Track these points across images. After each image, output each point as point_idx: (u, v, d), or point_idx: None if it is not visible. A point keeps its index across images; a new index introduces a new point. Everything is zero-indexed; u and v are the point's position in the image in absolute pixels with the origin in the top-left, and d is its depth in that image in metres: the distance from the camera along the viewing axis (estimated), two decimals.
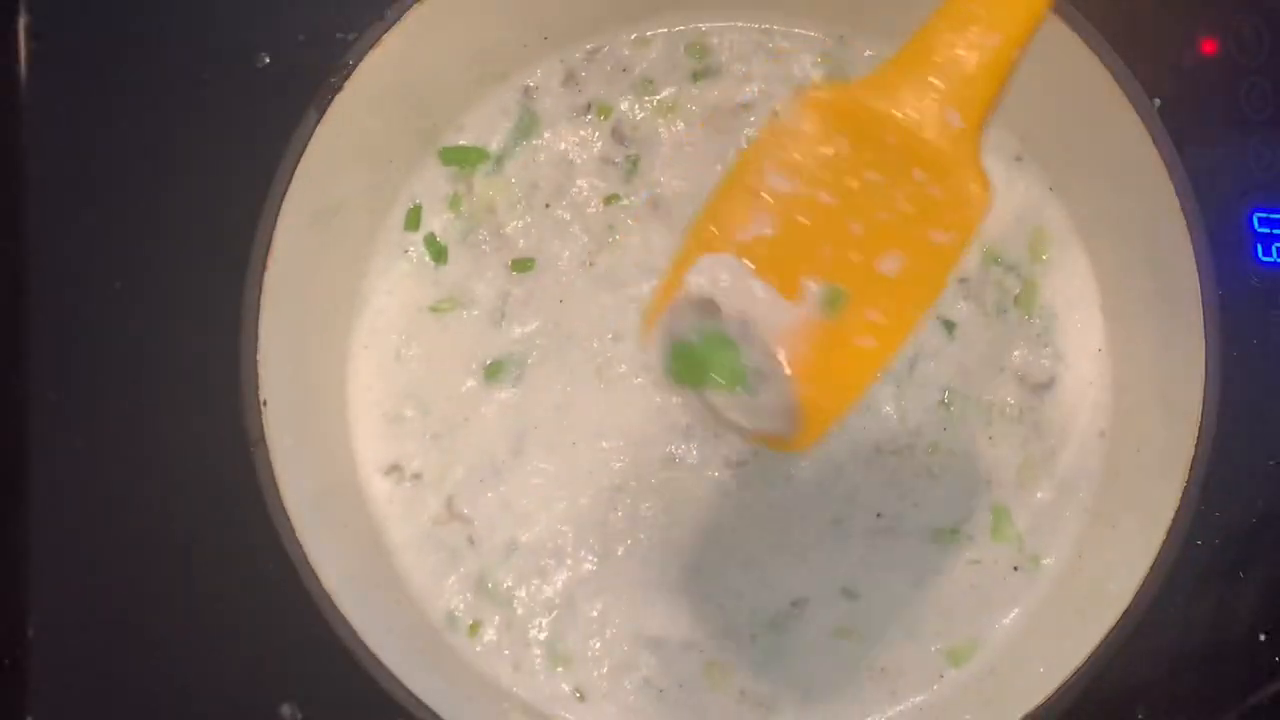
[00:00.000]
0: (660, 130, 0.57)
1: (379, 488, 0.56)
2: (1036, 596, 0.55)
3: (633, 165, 0.57)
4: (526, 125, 0.57)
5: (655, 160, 0.57)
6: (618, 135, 0.57)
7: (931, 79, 0.42)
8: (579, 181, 0.57)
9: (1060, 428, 0.56)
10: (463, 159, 0.57)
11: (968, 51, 0.42)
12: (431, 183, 0.57)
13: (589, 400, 0.55)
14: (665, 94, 0.57)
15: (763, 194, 0.44)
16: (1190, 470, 0.50)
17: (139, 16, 0.52)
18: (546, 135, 0.57)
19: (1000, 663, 0.54)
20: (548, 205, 0.57)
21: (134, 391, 0.51)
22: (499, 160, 0.57)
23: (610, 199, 0.57)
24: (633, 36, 0.58)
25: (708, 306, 0.43)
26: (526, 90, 0.57)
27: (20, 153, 0.52)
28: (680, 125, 0.57)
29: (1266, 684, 0.51)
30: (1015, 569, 0.55)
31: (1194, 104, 0.51)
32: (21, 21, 0.52)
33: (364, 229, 0.56)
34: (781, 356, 0.42)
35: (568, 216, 0.57)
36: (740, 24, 0.58)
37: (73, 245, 0.52)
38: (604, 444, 0.55)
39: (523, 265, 0.56)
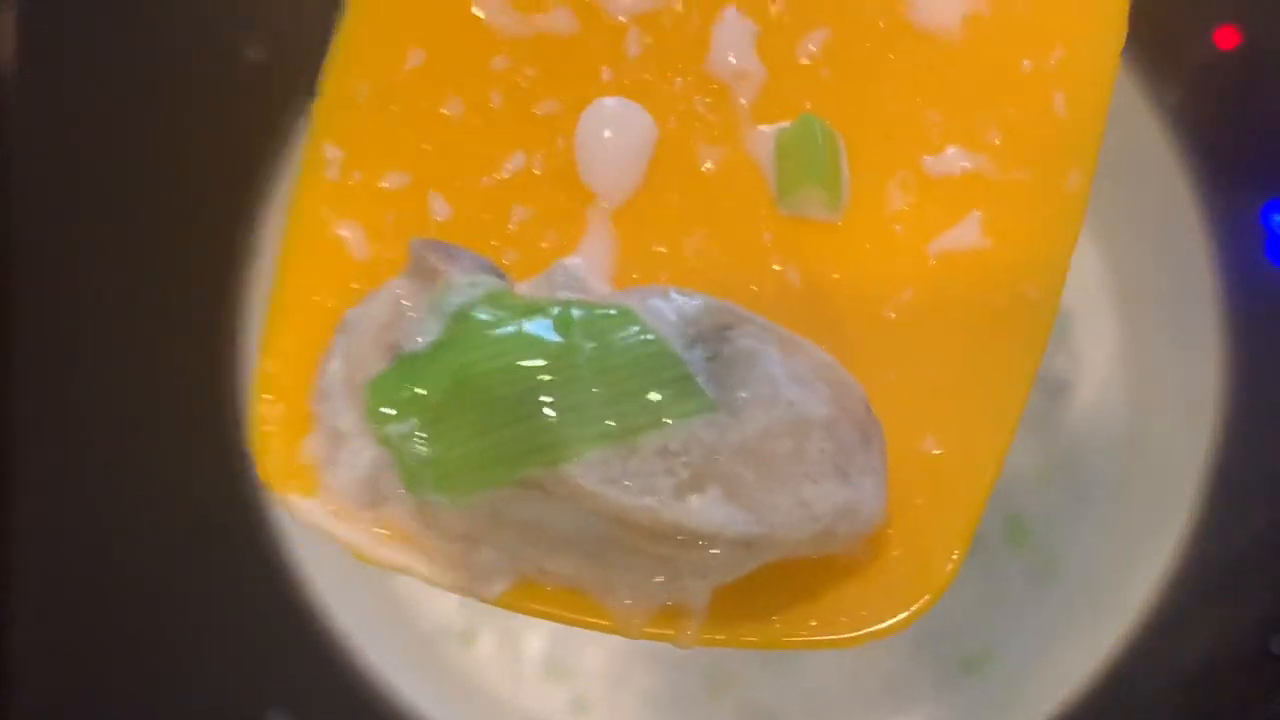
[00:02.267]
0: None
1: None
2: (1050, 603, 0.54)
3: None
4: None
5: None
6: None
7: None
8: None
9: (1076, 431, 0.55)
10: None
11: None
12: None
13: None
14: None
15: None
16: (1206, 473, 0.50)
17: (128, 12, 0.52)
18: None
19: (1012, 671, 0.53)
20: None
21: (124, 395, 0.51)
22: None
23: None
24: None
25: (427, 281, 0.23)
26: None
27: (8, 150, 0.51)
28: None
29: (1278, 694, 0.50)
30: (1029, 576, 0.54)
31: (1210, 99, 0.51)
32: (10, 16, 0.51)
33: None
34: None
35: None
36: None
37: (61, 242, 0.51)
38: None
39: None
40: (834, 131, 0.24)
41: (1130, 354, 0.55)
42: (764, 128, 0.24)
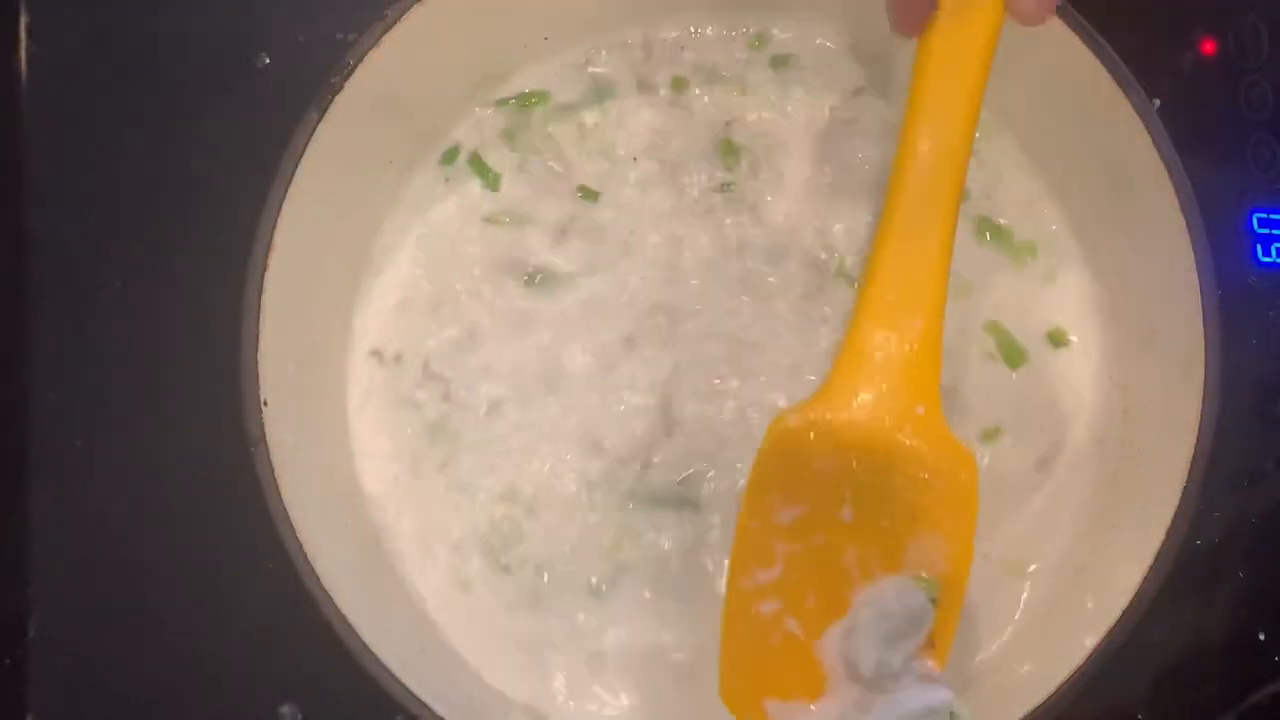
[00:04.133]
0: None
1: (377, 482, 0.56)
2: (1035, 597, 0.55)
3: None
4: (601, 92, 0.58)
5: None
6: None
7: (880, 379, 0.44)
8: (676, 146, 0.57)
9: (1060, 428, 0.56)
10: (523, 102, 0.57)
11: (901, 342, 0.44)
12: (477, 129, 0.57)
13: (586, 399, 0.55)
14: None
15: (778, 529, 0.45)
16: (1190, 470, 0.50)
17: (139, 17, 0.52)
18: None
19: (999, 663, 0.54)
20: (636, 159, 0.57)
21: (134, 392, 0.51)
22: (567, 107, 0.57)
23: (725, 186, 0.57)
24: (634, 34, 0.58)
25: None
26: (588, 58, 0.58)
27: (20, 152, 0.51)
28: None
29: (1266, 683, 0.51)
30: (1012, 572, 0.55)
31: (1194, 105, 0.51)
32: (22, 21, 0.52)
33: (365, 228, 0.56)
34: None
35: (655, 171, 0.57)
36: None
37: (73, 245, 0.52)
38: (571, 454, 0.55)
39: (590, 194, 0.56)
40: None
41: (1116, 353, 0.56)
42: None
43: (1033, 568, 0.55)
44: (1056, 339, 0.56)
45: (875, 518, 0.44)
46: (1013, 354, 0.56)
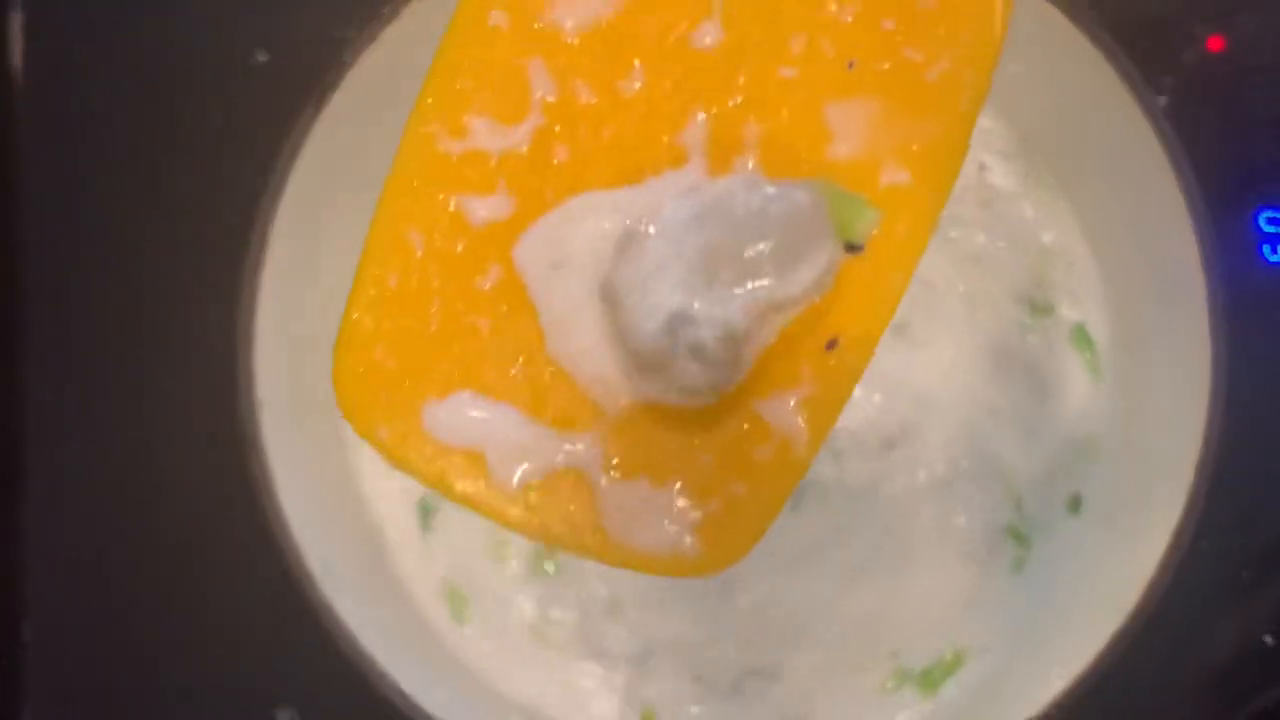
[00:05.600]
0: None
1: (376, 482, 0.55)
2: (1036, 600, 0.54)
3: None
4: None
5: None
6: None
7: None
8: None
9: (1069, 432, 0.55)
10: None
11: None
12: None
13: None
14: None
15: (547, 39, 0.22)
16: (1196, 472, 0.50)
17: (135, 15, 0.52)
18: None
19: (1000, 667, 0.54)
20: None
21: (131, 392, 0.51)
22: None
23: None
24: None
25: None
26: None
27: (16, 151, 0.51)
28: None
29: (1272, 687, 0.50)
30: (1024, 575, 0.55)
31: (1200, 102, 0.51)
32: (17, 20, 0.52)
33: (362, 227, 0.56)
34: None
35: None
36: None
37: (69, 244, 0.51)
38: None
39: None
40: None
41: (1121, 352, 0.55)
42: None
43: (1033, 570, 0.55)
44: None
45: (775, 41, 0.22)
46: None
